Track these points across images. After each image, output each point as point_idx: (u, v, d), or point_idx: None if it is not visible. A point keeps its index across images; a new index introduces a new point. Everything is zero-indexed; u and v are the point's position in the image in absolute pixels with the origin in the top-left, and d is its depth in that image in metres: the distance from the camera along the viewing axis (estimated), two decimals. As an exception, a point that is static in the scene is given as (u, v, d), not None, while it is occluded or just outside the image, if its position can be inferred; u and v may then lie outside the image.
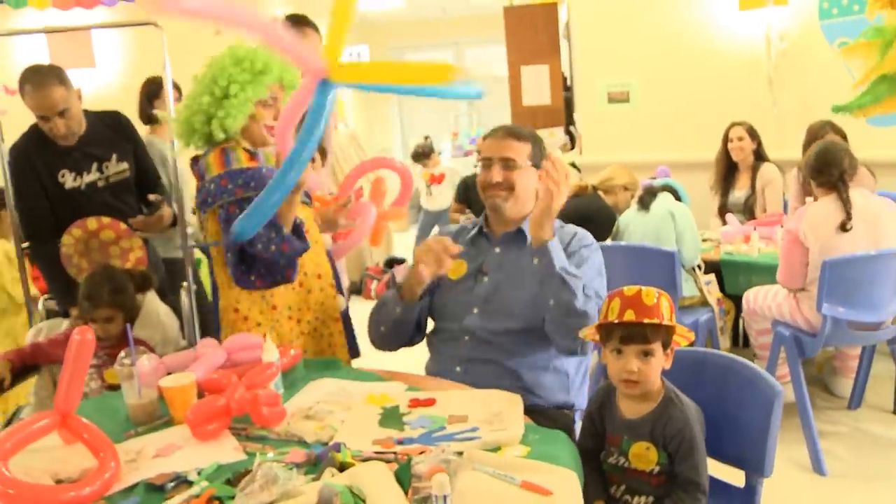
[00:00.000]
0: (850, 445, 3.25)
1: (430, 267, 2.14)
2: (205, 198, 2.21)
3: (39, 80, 2.76)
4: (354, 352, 2.50)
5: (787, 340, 3.20)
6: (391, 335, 2.29)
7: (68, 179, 2.89)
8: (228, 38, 5.10)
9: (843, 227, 3.05)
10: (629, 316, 1.66)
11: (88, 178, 2.92)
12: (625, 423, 1.74)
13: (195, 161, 2.34)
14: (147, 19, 2.91)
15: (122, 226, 2.90)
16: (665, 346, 1.70)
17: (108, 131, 3.00)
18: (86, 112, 2.96)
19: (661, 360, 1.70)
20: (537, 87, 6.35)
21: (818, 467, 3.03)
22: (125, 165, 3.00)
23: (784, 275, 3.24)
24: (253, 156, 2.26)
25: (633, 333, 1.67)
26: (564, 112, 6.47)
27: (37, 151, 2.88)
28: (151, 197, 2.97)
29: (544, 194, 2.02)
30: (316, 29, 3.05)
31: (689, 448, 1.66)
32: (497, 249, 2.24)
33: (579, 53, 5.83)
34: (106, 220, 2.87)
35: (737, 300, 3.93)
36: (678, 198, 3.92)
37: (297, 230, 2.18)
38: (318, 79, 1.84)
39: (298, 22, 2.95)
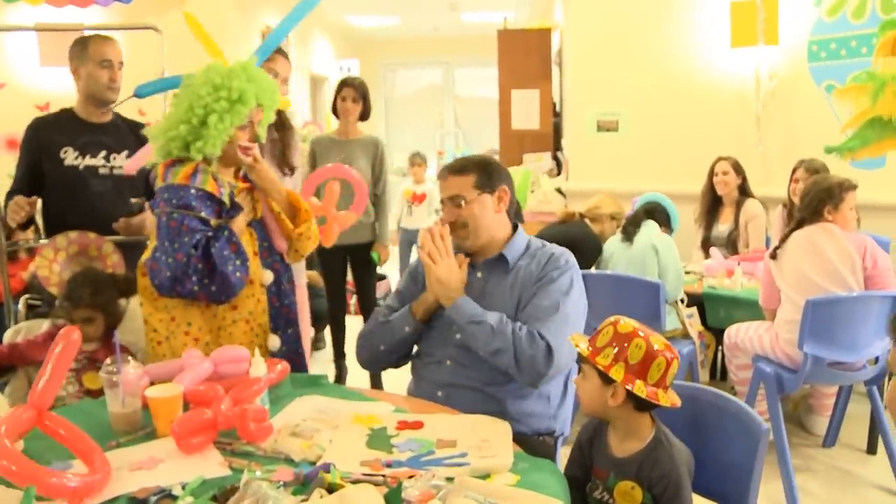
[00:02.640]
0: (825, 483, 3.27)
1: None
2: (151, 206, 2.26)
3: (104, 36, 2.99)
4: None
5: (768, 377, 3.22)
6: (389, 354, 2.28)
7: (69, 157, 2.94)
8: (219, 42, 5.08)
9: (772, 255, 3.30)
10: None
11: (90, 161, 2.96)
12: (613, 460, 1.74)
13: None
14: (146, 23, 2.90)
15: (91, 235, 2.89)
16: (605, 378, 1.67)
17: (128, 132, 3.06)
18: (118, 114, 3.07)
19: (593, 385, 1.70)
20: (527, 112, 6.39)
21: (793, 504, 3.05)
22: None
23: (762, 297, 3.40)
24: (215, 180, 2.23)
25: None
26: (553, 138, 6.52)
27: (49, 127, 2.99)
28: (133, 200, 2.97)
29: (426, 268, 2.11)
30: (286, 56, 3.28)
31: (675, 493, 1.65)
32: (479, 274, 2.23)
33: (570, 80, 5.88)
34: (73, 234, 2.87)
35: (717, 334, 3.96)
36: (667, 216, 3.95)
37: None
38: None
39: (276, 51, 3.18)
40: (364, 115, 4.24)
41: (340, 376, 4.46)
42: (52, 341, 2.53)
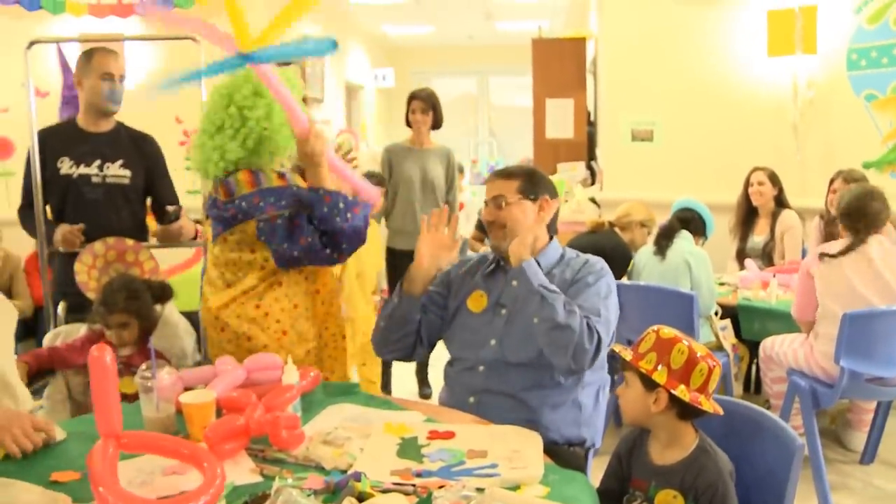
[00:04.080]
0: (862, 501, 3.20)
1: (428, 250, 2.23)
2: (235, 214, 2.26)
3: (108, 49, 3.10)
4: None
5: (803, 391, 3.17)
6: (388, 332, 2.29)
7: (64, 166, 3.03)
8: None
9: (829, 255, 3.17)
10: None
11: (84, 170, 3.03)
12: (654, 469, 1.73)
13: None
14: (186, 34, 2.95)
15: (129, 241, 2.99)
16: (647, 384, 1.69)
17: (128, 142, 3.13)
18: (121, 124, 3.14)
19: (636, 392, 1.72)
20: (561, 121, 6.37)
21: (829, 522, 2.99)
22: (126, 173, 3.08)
23: (796, 307, 3.31)
24: (281, 176, 2.32)
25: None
26: (587, 147, 6.49)
27: (51, 136, 3.07)
28: (170, 208, 3.05)
29: (536, 219, 2.18)
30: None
31: (722, 503, 1.64)
32: (514, 283, 2.23)
33: (605, 89, 5.86)
34: (111, 240, 2.96)
35: (751, 346, 3.91)
36: (702, 224, 3.91)
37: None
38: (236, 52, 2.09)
39: None
40: (436, 125, 4.46)
41: (386, 383, 4.48)
42: (90, 345, 2.60)
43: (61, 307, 3.00)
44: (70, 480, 1.62)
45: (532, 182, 2.26)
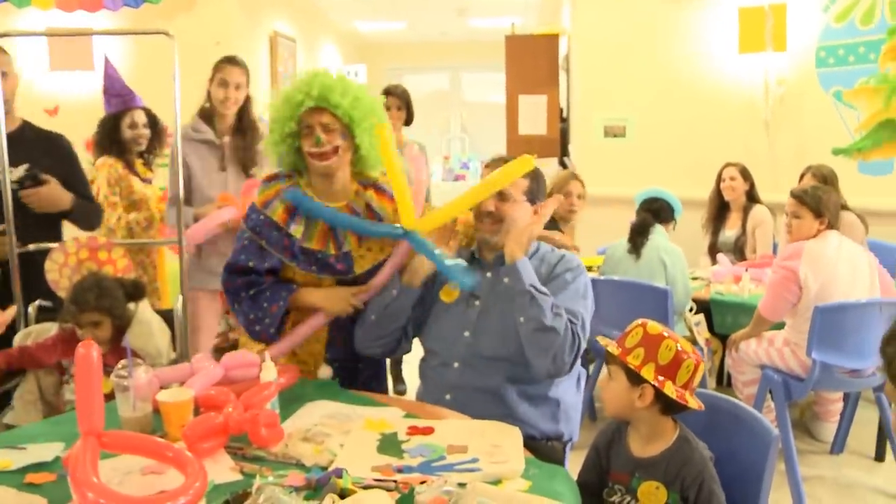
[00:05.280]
0: (832, 490, 3.26)
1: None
2: None
3: None
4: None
5: (776, 384, 3.21)
6: (379, 326, 2.23)
7: None
8: (227, 47, 5.11)
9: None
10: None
11: None
12: (635, 461, 1.74)
13: None
14: (158, 28, 2.91)
15: (102, 239, 2.95)
16: (633, 379, 1.69)
17: (34, 144, 2.99)
18: (27, 123, 3.02)
19: (620, 386, 1.72)
20: (534, 117, 6.38)
21: (801, 512, 3.04)
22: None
23: (769, 307, 3.26)
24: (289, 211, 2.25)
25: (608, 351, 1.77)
26: (560, 143, 6.51)
27: None
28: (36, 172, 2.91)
29: (534, 219, 2.15)
30: (241, 66, 3.37)
31: (710, 491, 1.66)
32: (489, 274, 2.23)
33: (578, 86, 5.89)
34: (83, 238, 2.90)
35: (724, 340, 3.95)
36: (671, 211, 3.93)
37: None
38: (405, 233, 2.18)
39: (229, 62, 3.36)
40: (408, 121, 4.55)
41: None
42: (61, 344, 2.57)
43: (32, 307, 2.94)
44: (45, 482, 1.60)
45: (537, 186, 2.25)
